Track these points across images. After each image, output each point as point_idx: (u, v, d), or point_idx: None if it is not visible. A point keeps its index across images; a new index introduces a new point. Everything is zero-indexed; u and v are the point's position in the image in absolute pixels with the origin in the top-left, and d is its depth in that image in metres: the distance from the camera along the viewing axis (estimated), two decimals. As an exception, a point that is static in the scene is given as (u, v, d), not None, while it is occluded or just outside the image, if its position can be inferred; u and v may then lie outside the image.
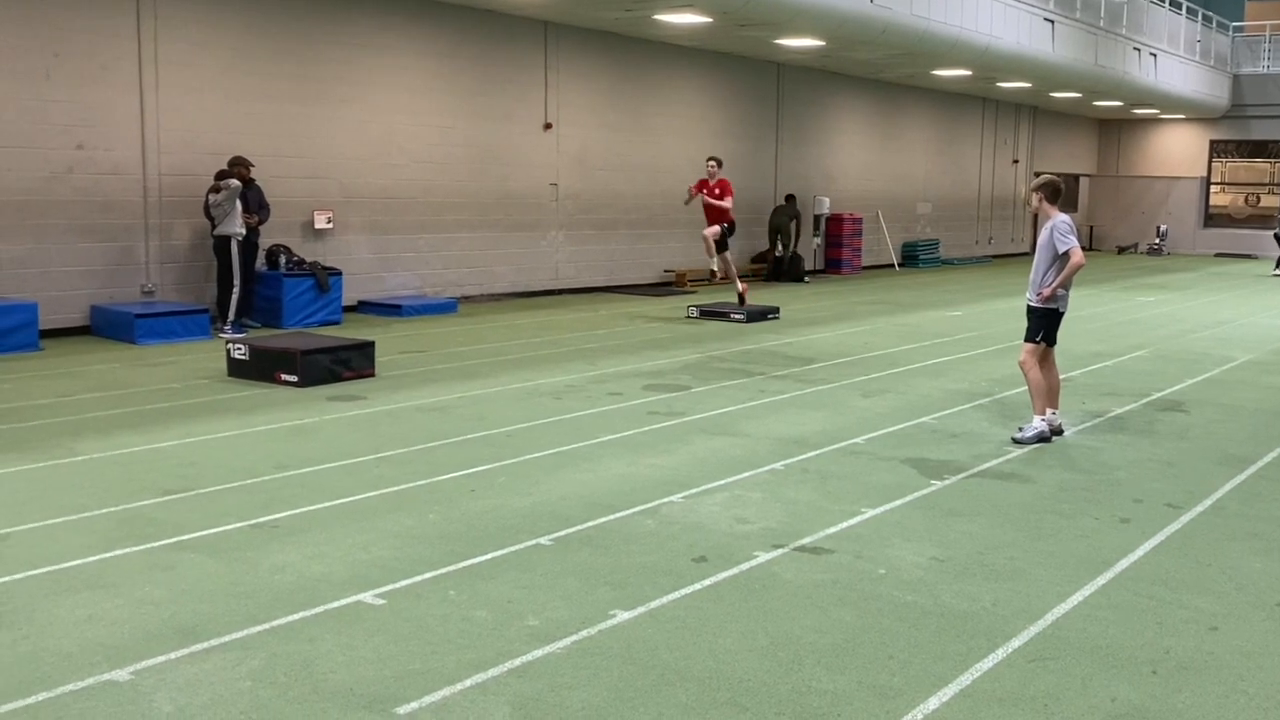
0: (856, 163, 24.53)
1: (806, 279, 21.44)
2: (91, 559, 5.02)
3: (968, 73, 22.24)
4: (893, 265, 25.52)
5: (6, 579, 4.75)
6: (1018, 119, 30.31)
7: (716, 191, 14.87)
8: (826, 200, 22.87)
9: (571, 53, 17.36)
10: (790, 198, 21.57)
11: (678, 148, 19.66)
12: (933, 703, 3.79)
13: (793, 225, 21.17)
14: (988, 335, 13.49)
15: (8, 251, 11.47)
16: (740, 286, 15.09)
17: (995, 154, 29.63)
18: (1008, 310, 15.69)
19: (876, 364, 11.05)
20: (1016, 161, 30.60)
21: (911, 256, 26.09)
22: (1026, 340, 7.86)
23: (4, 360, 10.39)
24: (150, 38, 12.30)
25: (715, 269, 15.20)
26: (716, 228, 14.84)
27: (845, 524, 5.73)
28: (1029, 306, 7.85)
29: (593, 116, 17.93)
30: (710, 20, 16.12)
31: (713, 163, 15.03)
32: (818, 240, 22.98)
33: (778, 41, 18.46)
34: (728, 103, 20.74)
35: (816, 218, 22.84)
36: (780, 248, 21.17)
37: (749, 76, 21.06)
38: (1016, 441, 7.67)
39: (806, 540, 5.45)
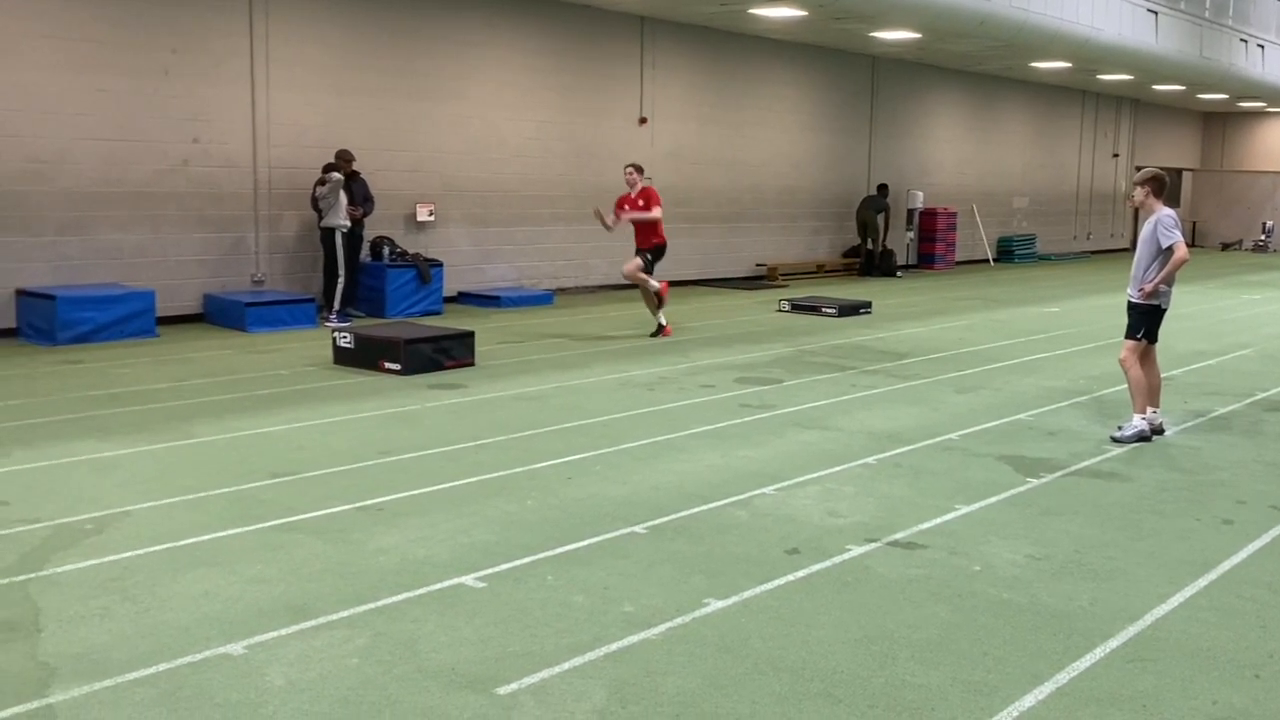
0: (951, 156, 24.21)
1: (899, 274, 21.24)
2: (207, 537, 5.23)
3: (1067, 65, 21.79)
4: (988, 260, 25.14)
5: (130, 554, 4.98)
6: (1118, 112, 29.63)
7: (640, 203, 12.24)
8: (920, 194, 22.62)
9: (667, 47, 17.43)
10: (882, 188, 21.35)
11: (770, 142, 19.63)
12: (1028, 700, 3.78)
13: (880, 218, 20.95)
14: (1086, 332, 13.25)
15: (128, 241, 11.93)
16: (663, 321, 12.36)
17: (1095, 148, 29.01)
18: (1107, 306, 15.37)
19: (971, 360, 10.94)
20: (1117, 156, 29.92)
21: (1007, 252, 25.67)
22: (1127, 337, 7.73)
23: (124, 345, 10.81)
24: (262, 35, 12.67)
25: (653, 296, 12.39)
26: (638, 261, 12.17)
27: (939, 520, 5.72)
28: (1130, 302, 7.71)
29: (687, 111, 17.98)
30: (805, 14, 16.05)
31: (631, 170, 12.42)
32: (911, 235, 22.74)
33: (873, 34, 18.30)
34: (821, 96, 20.63)
35: (910, 212, 22.60)
36: (869, 242, 21.01)
37: (843, 69, 20.91)
38: (1116, 440, 7.55)
39: (899, 535, 5.45)
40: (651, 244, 12.28)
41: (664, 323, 12.36)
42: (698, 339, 12.06)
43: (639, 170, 12.46)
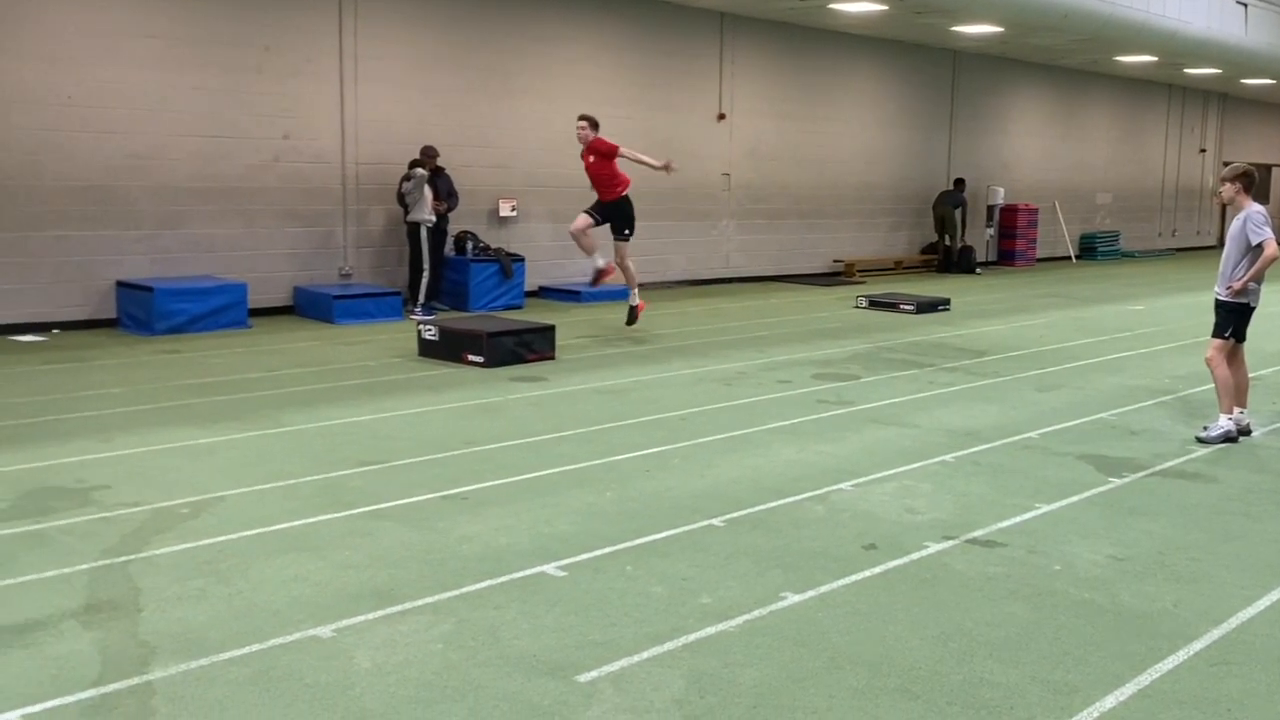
0: (1033, 152, 23.86)
1: (978, 270, 20.99)
2: (297, 523, 5.38)
3: (1153, 59, 21.34)
4: (1069, 257, 24.73)
5: (224, 538, 5.14)
6: (1205, 106, 28.93)
7: (592, 159, 11.12)
8: (1001, 190, 22.32)
9: (746, 43, 17.42)
10: (959, 182, 21.10)
11: (849, 138, 19.52)
12: (1109, 701, 3.76)
13: (958, 214, 20.71)
14: (1171, 330, 13.00)
15: (222, 235, 12.28)
16: (635, 299, 11.51)
17: (1181, 143, 28.37)
18: (1193, 305, 15.05)
19: (1052, 358, 10.81)
20: (1204, 151, 29.22)
21: (1090, 248, 25.23)
22: (1214, 335, 7.59)
23: (218, 336, 11.13)
24: (351, 33, 12.94)
25: (600, 263, 11.59)
26: (588, 220, 11.20)
27: (1018, 518, 5.69)
28: (1217, 300, 7.58)
29: (765, 107, 17.95)
30: (886, 8, 15.94)
31: (583, 123, 11.12)
32: (991, 231, 22.45)
33: (954, 28, 18.11)
34: (900, 91, 20.45)
35: (990, 208, 22.31)
36: (947, 238, 20.79)
37: (923, 64, 20.72)
38: (1201, 440, 7.43)
39: (978, 533, 5.43)
40: (613, 196, 11.14)
41: (636, 303, 11.66)
42: (775, 335, 12.06)
43: (591, 123, 11.17)
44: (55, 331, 11.16)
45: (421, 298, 12.75)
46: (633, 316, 11.67)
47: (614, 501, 5.82)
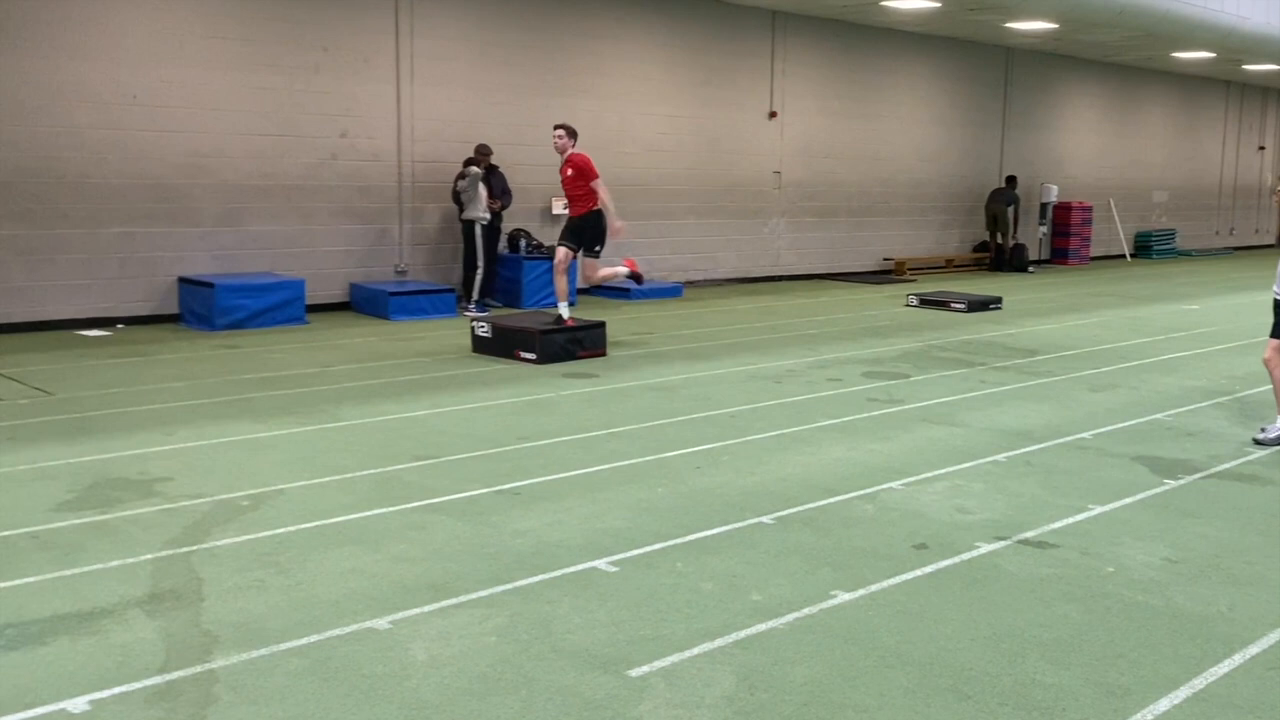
0: (1087, 149, 23.59)
1: (1031, 269, 20.81)
2: (354, 516, 5.47)
3: (1211, 55, 21.02)
4: (1124, 256, 24.43)
5: (283, 530, 5.24)
6: (1264, 103, 28.45)
7: (569, 172, 10.33)
8: (1054, 188, 22.10)
9: (797, 41, 17.38)
10: (1010, 180, 20.91)
11: (900, 135, 19.42)
12: (1163, 704, 3.73)
13: (1010, 211, 20.53)
14: (1228, 330, 12.81)
15: (280, 232, 12.48)
16: (564, 311, 10.32)
17: (1239, 140, 27.91)
18: (1250, 304, 14.82)
19: (1105, 357, 10.71)
20: (1263, 148, 28.73)
21: (1145, 247, 24.91)
22: (1272, 336, 7.48)
23: (276, 332, 11.33)
24: (407, 33, 13.09)
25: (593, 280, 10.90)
26: (565, 252, 10.44)
27: (1071, 519, 5.65)
28: (1276, 300, 7.47)
29: (816, 104, 17.91)
30: (939, 5, 15.84)
31: (560, 132, 10.43)
32: (1044, 229, 22.23)
33: (1008, 25, 17.95)
34: (953, 88, 20.31)
35: (1043, 206, 22.10)
36: (999, 236, 20.61)
37: (976, 61, 20.56)
38: (1259, 443, 7.33)
39: (1030, 534, 5.41)
40: (583, 210, 10.38)
41: (629, 270, 10.96)
42: (825, 333, 12.04)
43: (569, 132, 10.46)
44: (120, 326, 11.41)
45: (475, 295, 12.89)
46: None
47: (665, 498, 5.86)
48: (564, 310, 10.36)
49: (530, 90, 14.35)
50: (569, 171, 10.36)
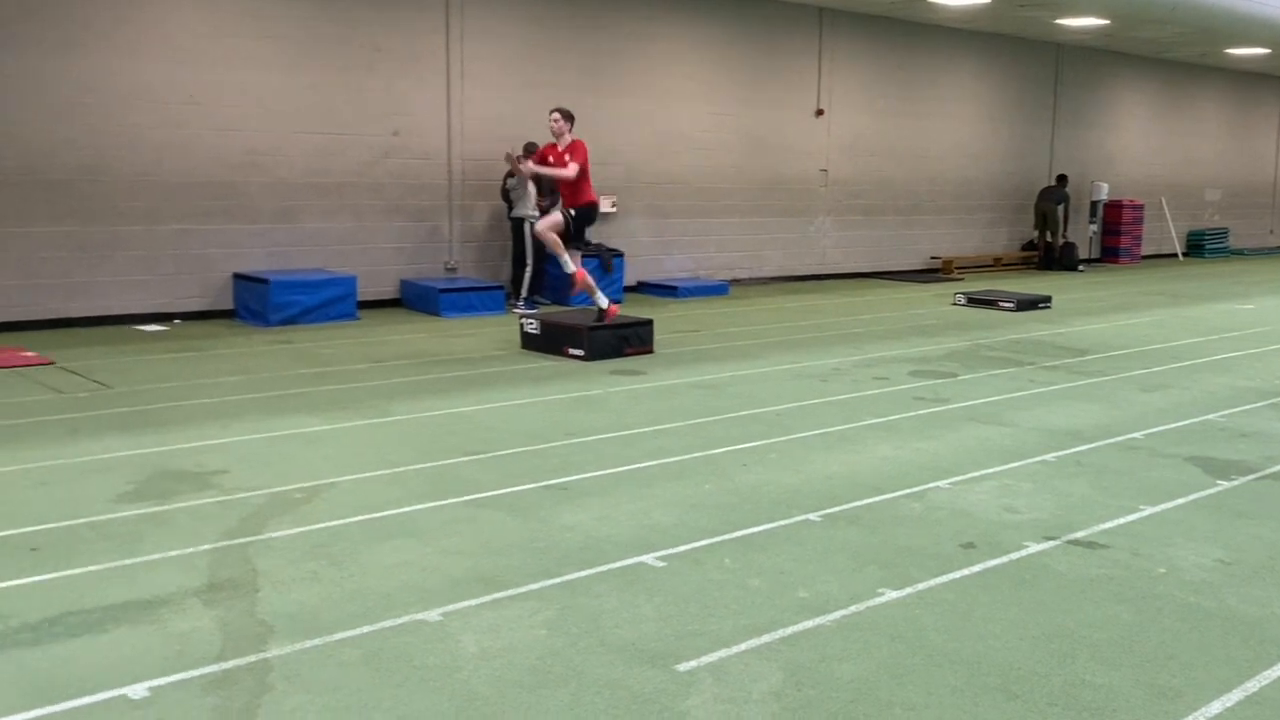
0: (1139, 146, 23.30)
1: (1081, 268, 20.59)
2: (405, 509, 5.54)
3: (1265, 51, 20.68)
4: (1176, 255, 24.11)
5: (336, 522, 5.32)
6: (1323, 99, 27.96)
7: (566, 158, 10.10)
8: (1105, 186, 21.84)
9: (844, 38, 17.32)
10: (1061, 178, 20.71)
11: (948, 132, 19.29)
12: (1215, 706, 3.70)
13: (1060, 210, 20.33)
14: (1283, 332, 12.65)
15: (333, 229, 12.64)
16: (603, 301, 10.23)
17: (1296, 137, 27.46)
18: (1308, 306, 14.62)
19: (1157, 357, 10.59)
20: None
21: (1197, 246, 24.57)
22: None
23: (328, 328, 11.48)
24: (457, 33, 13.20)
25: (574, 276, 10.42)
26: (558, 216, 10.20)
27: (1121, 520, 5.61)
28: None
29: (863, 102, 17.83)
30: (988, 1, 15.71)
31: (557, 114, 10.21)
32: (1094, 228, 21.99)
33: (1058, 21, 17.77)
34: (1001, 85, 20.14)
35: (1093, 204, 21.86)
36: (1049, 234, 20.41)
37: (1025, 58, 20.37)
38: (1314, 446, 7.24)
39: (1080, 534, 5.38)
40: (580, 201, 10.17)
41: (572, 269, 10.35)
42: (871, 332, 12.00)
43: (565, 116, 10.24)
44: (176, 322, 11.61)
45: (524, 292, 12.98)
46: (571, 284, 10.53)
47: (711, 494, 5.88)
48: (602, 300, 10.24)
49: (578, 89, 14.41)
50: (567, 157, 10.04)
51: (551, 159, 10.16)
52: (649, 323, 10.36)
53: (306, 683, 3.70)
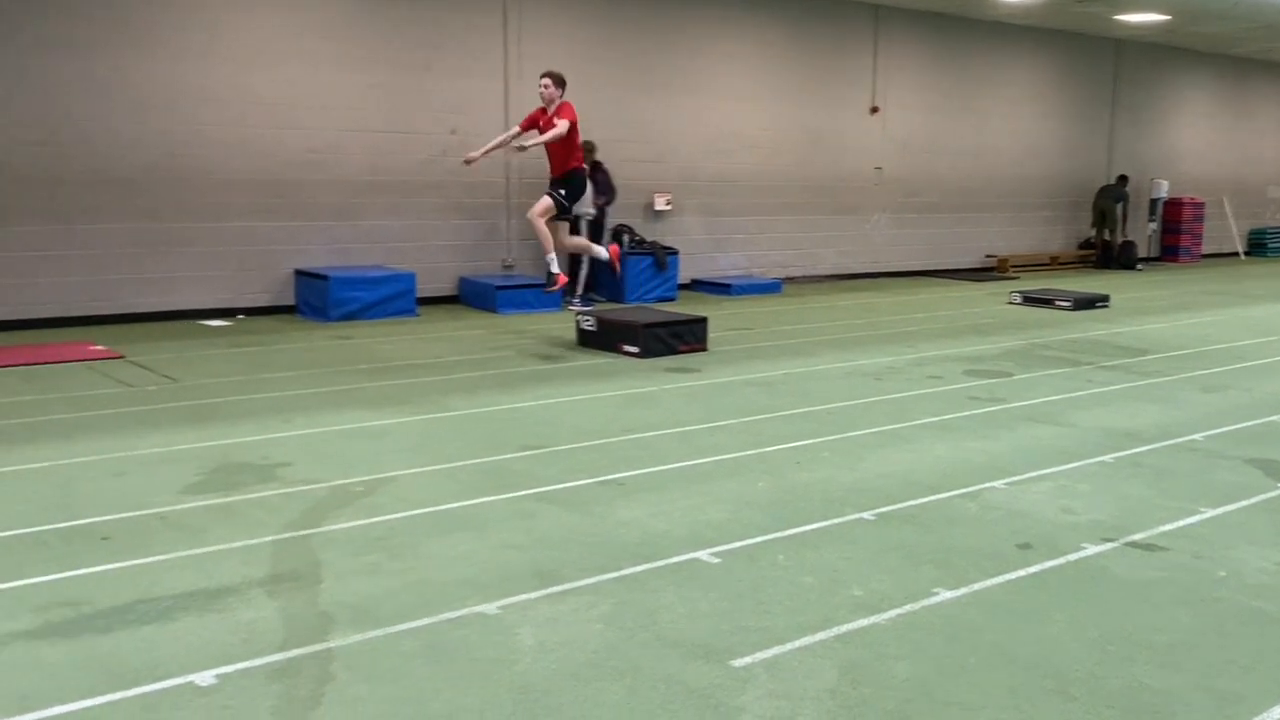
0: (1200, 144, 22.92)
1: (1139, 266, 20.31)
2: (463, 503, 5.61)
3: (1335, 46, 20.29)
4: (1237, 254, 23.70)
5: (395, 515, 5.40)
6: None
7: (554, 121, 9.71)
8: (1165, 183, 21.52)
9: (900, 36, 17.22)
10: (1122, 178, 20.45)
11: (1004, 130, 19.11)
12: (1277, 712, 3.65)
13: (1119, 208, 20.07)
14: (1349, 333, 12.40)
15: (392, 227, 12.80)
16: (554, 267, 10.11)
17: (1364, 133, 26.85)
18: (1374, 306, 14.32)
19: (1218, 358, 10.44)
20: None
21: (1259, 244, 24.12)
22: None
23: (388, 324, 11.62)
24: (515, 33, 13.31)
25: (554, 268, 10.16)
26: (547, 200, 9.87)
27: (1181, 522, 5.55)
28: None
29: (919, 99, 17.72)
30: (1046, -3, 15.57)
31: (547, 80, 9.84)
32: (1153, 226, 21.68)
33: (1117, 17, 17.53)
34: (1058, 82, 19.92)
35: (1153, 201, 21.54)
36: (1107, 232, 20.15)
37: (1082, 54, 20.12)
38: (1380, 449, 7.11)
39: (1138, 536, 5.33)
40: (567, 169, 9.85)
41: (555, 270, 10.17)
42: (925, 330, 11.94)
43: (556, 80, 9.91)
44: (240, 317, 11.83)
45: (580, 289, 13.07)
46: (551, 282, 10.27)
47: (765, 492, 5.90)
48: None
49: (634, 88, 14.47)
50: (555, 122, 9.68)
51: (541, 124, 9.88)
52: (703, 320, 10.39)
53: (368, 673, 3.76)
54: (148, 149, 11.27)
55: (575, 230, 11.93)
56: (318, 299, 11.77)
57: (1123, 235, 20.31)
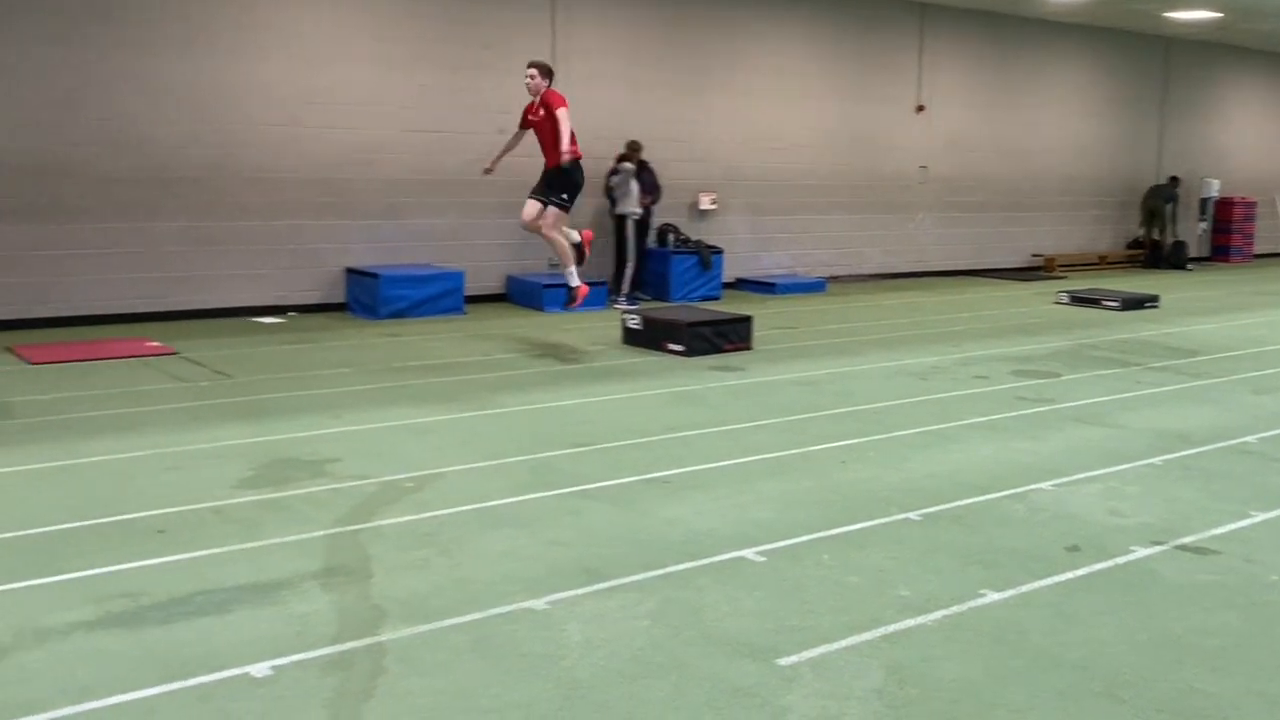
0: (1251, 142, 22.57)
1: (1189, 266, 20.05)
2: (510, 500, 5.66)
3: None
4: (1291, 253, 23.34)
5: (444, 511, 5.46)
6: None
7: (541, 113, 9.34)
8: (1215, 183, 21.22)
9: (946, 33, 17.11)
10: (1174, 180, 20.19)
11: (1052, 128, 18.94)
12: (1328, 716, 3.66)
13: (1169, 208, 19.82)
14: (1406, 335, 12.18)
15: (441, 226, 12.92)
16: (575, 281, 9.67)
17: None
18: None
19: (1270, 359, 10.29)
20: None
21: (1314, 244, 23.72)
22: None
23: (436, 321, 11.73)
24: (564, 33, 13.38)
25: (574, 281, 9.72)
26: (555, 211, 9.41)
27: (1232, 525, 5.49)
28: None
29: (964, 97, 17.60)
30: (1095, -6, 15.41)
31: (534, 70, 9.38)
32: (1204, 225, 21.38)
33: (1167, 15, 17.32)
34: (1108, 80, 19.70)
35: (1203, 201, 21.25)
36: (1156, 231, 19.91)
37: (1131, 52, 19.88)
38: None
39: (1188, 539, 5.28)
40: (559, 160, 9.24)
41: (576, 284, 9.71)
42: (971, 330, 11.87)
43: (543, 71, 9.46)
44: (291, 314, 11.98)
45: (625, 288, 13.12)
46: (571, 298, 9.81)
47: (810, 491, 5.90)
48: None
49: (679, 87, 14.50)
50: (541, 112, 9.28)
51: (529, 115, 9.51)
52: (747, 319, 10.39)
53: (418, 666, 3.81)
54: (202, 149, 11.45)
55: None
56: (367, 297, 11.89)
57: (1173, 235, 20.06)
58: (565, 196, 9.40)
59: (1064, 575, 4.80)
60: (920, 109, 17.00)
